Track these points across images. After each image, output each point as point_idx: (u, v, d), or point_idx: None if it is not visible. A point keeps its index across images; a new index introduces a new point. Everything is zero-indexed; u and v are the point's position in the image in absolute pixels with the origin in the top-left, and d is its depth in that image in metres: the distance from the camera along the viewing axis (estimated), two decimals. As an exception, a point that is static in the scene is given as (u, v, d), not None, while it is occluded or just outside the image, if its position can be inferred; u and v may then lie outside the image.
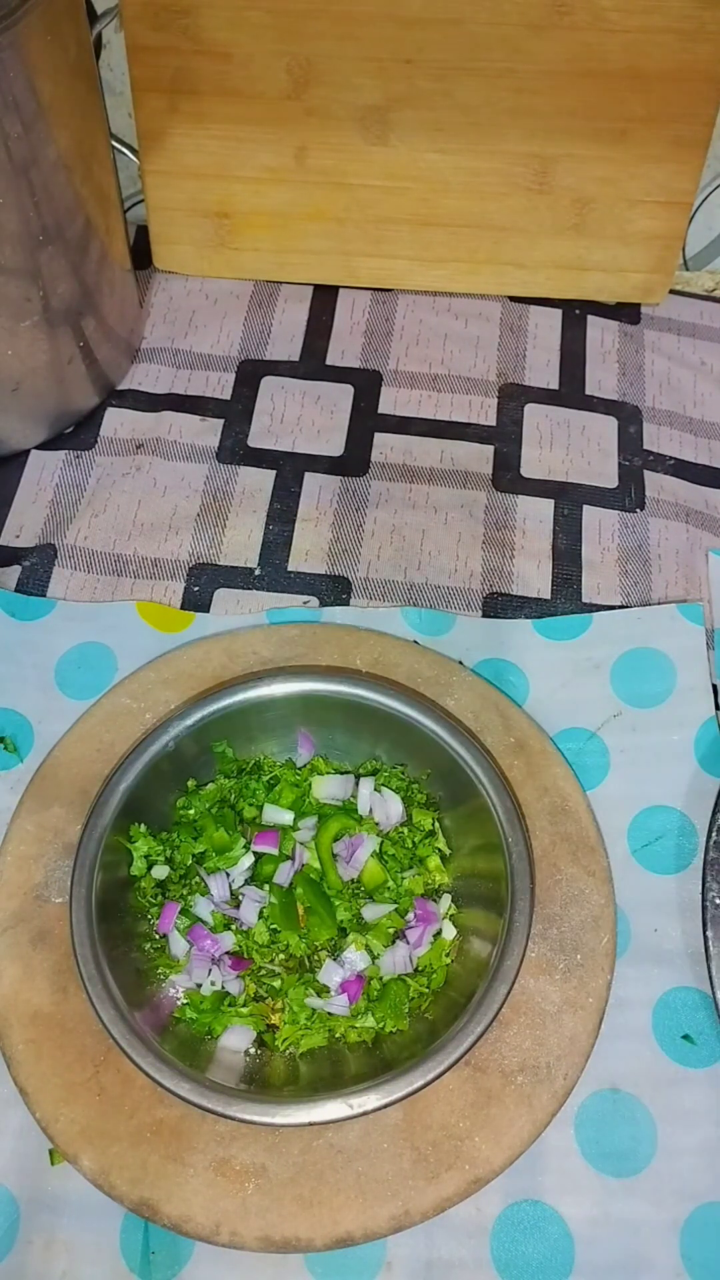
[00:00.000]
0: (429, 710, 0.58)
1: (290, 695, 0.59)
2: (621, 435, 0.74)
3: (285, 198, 0.74)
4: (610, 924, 0.55)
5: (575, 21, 0.64)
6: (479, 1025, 0.50)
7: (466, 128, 0.69)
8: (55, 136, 0.58)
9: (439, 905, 0.56)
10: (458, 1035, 0.50)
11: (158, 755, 0.56)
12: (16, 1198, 0.50)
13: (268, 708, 0.59)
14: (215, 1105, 0.48)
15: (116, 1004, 0.50)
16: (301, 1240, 0.48)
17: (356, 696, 0.58)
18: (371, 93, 0.68)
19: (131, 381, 0.75)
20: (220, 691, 0.59)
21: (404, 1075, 0.49)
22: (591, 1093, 0.53)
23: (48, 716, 0.62)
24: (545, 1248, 0.50)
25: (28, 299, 0.62)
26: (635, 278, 0.77)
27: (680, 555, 0.68)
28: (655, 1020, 0.54)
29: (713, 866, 0.56)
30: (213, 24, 0.66)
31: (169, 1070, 0.49)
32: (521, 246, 0.76)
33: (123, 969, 0.52)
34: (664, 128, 0.69)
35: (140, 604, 0.65)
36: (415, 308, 0.79)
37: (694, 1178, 0.51)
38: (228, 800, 0.58)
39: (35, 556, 0.67)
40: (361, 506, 0.70)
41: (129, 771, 0.56)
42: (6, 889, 0.55)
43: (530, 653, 0.64)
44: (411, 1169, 0.49)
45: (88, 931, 0.52)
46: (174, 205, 0.76)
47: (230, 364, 0.76)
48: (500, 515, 0.70)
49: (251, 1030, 0.54)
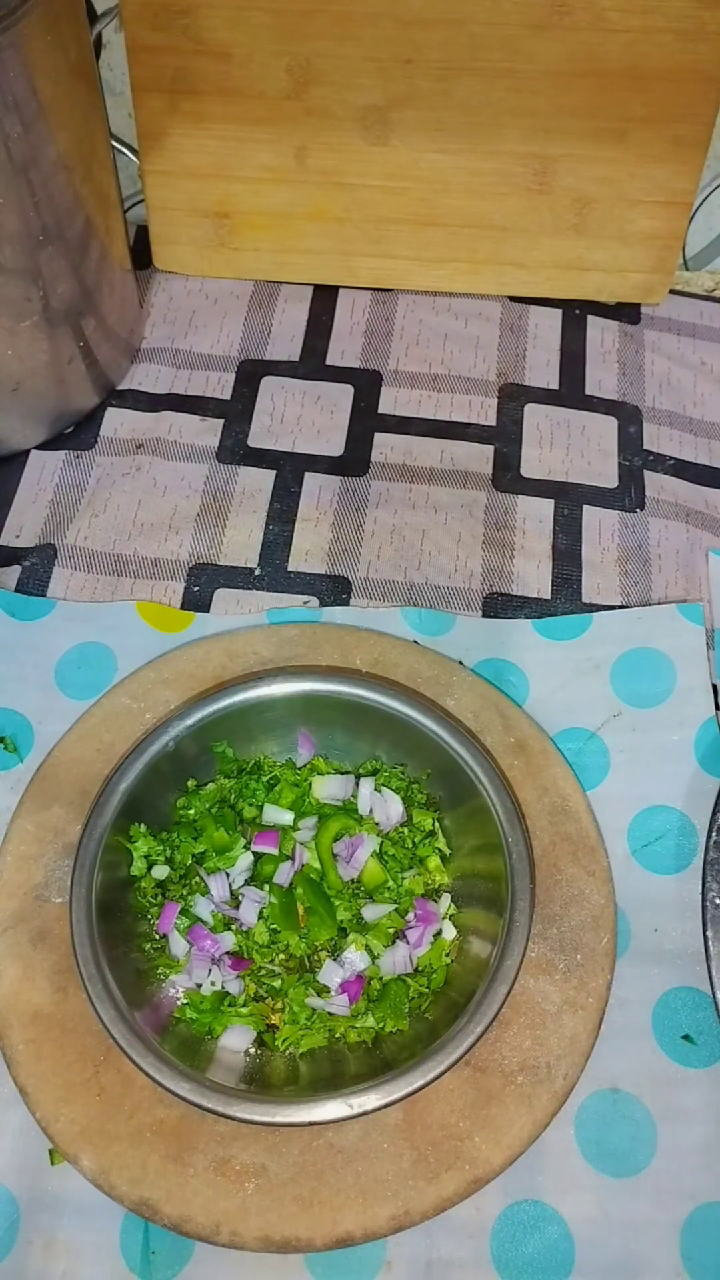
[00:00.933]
0: (429, 710, 0.58)
1: (290, 695, 0.59)
2: (621, 435, 0.74)
3: (285, 198, 0.74)
4: (610, 924, 0.55)
5: (575, 21, 0.64)
6: (479, 1025, 0.50)
7: (466, 128, 0.69)
8: (55, 136, 0.58)
9: (439, 905, 0.56)
10: (458, 1035, 0.50)
11: (158, 755, 0.56)
12: (16, 1198, 0.50)
13: (268, 708, 0.59)
14: (215, 1105, 0.48)
15: (116, 1004, 0.50)
16: (301, 1240, 0.48)
17: (356, 696, 0.58)
18: (371, 93, 0.68)
19: (131, 381, 0.75)
20: (220, 691, 0.59)
21: (404, 1075, 0.49)
22: (591, 1093, 0.53)
23: (48, 716, 0.62)
24: (545, 1248, 0.50)
25: (28, 299, 0.62)
26: (635, 278, 0.77)
27: (680, 555, 0.68)
28: (655, 1020, 0.54)
29: (713, 866, 0.56)
30: (213, 24, 0.66)
31: (169, 1070, 0.49)
32: (521, 246, 0.76)
33: (123, 969, 0.52)
34: (664, 128, 0.69)
35: (140, 604, 0.65)
36: (415, 308, 0.79)
37: (694, 1178, 0.51)
38: (228, 800, 0.58)
39: (35, 556, 0.67)
40: (361, 506, 0.70)
41: (129, 771, 0.56)
42: (6, 889, 0.55)
43: (530, 653, 0.64)
44: (411, 1169, 0.49)
45: (88, 931, 0.52)
46: (174, 205, 0.76)
47: (230, 364, 0.76)
48: (500, 515, 0.70)
49: (251, 1030, 0.54)
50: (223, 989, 0.54)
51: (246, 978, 0.55)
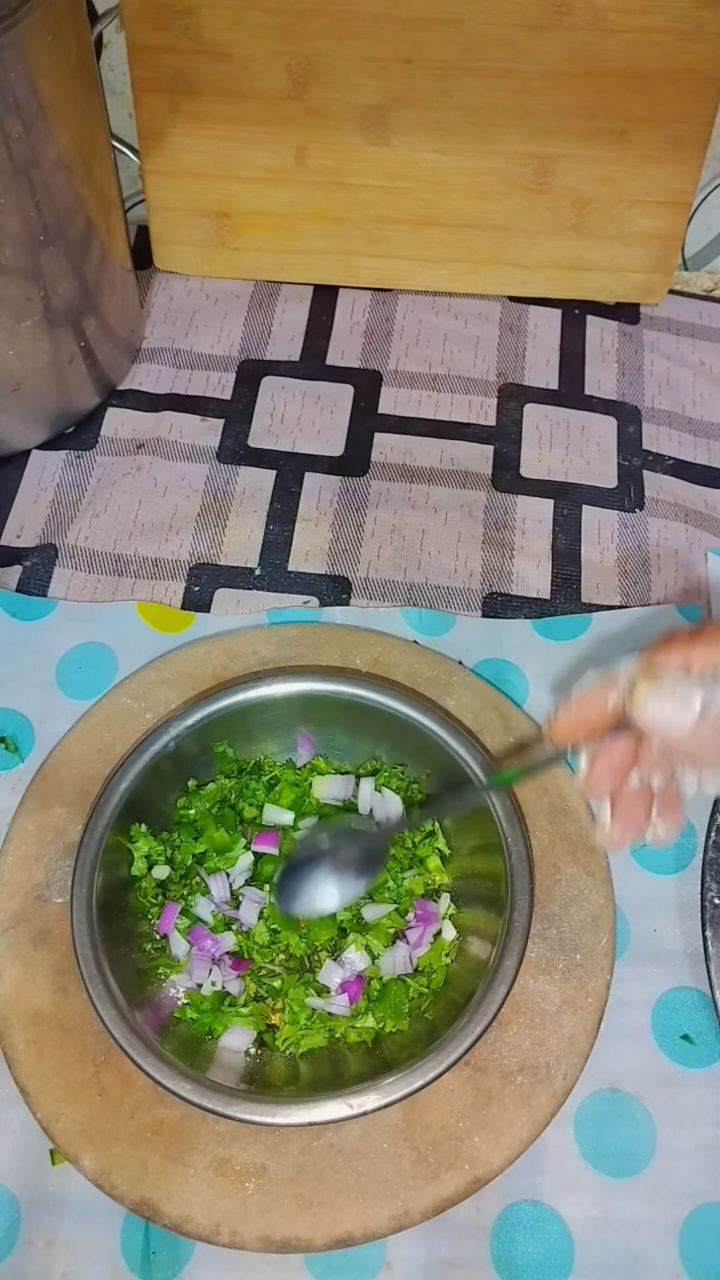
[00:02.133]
0: (429, 710, 0.58)
1: (290, 695, 0.59)
2: (621, 435, 0.74)
3: (285, 198, 0.74)
4: (610, 924, 0.55)
5: (575, 21, 0.64)
6: (479, 1025, 0.50)
7: (466, 128, 0.69)
8: (56, 136, 0.58)
9: (439, 905, 0.56)
10: (457, 1035, 0.50)
11: (158, 755, 0.57)
12: (17, 1198, 0.50)
13: (268, 708, 0.59)
14: (216, 1105, 0.48)
15: (117, 1004, 0.50)
16: (301, 1240, 0.48)
17: (356, 696, 0.58)
18: (371, 93, 0.68)
19: (132, 381, 0.75)
20: (221, 691, 0.59)
21: (404, 1075, 0.49)
22: (591, 1093, 0.53)
23: (48, 716, 0.62)
24: (545, 1248, 0.50)
25: (28, 299, 0.62)
26: (635, 278, 0.77)
27: (680, 555, 0.68)
28: (655, 1020, 0.54)
29: (712, 866, 0.56)
30: (213, 24, 0.66)
31: (170, 1070, 0.49)
32: (521, 246, 0.76)
33: (123, 969, 0.52)
34: (664, 128, 0.69)
35: (141, 604, 0.65)
36: (415, 308, 0.79)
37: (694, 1178, 0.51)
38: (228, 800, 0.59)
39: (36, 556, 0.67)
40: (361, 506, 0.70)
41: (129, 771, 0.56)
42: (7, 889, 0.55)
43: (530, 653, 0.64)
44: (411, 1169, 0.49)
45: (89, 931, 0.52)
46: (174, 205, 0.76)
47: (230, 364, 0.76)
48: (500, 515, 0.70)
49: (252, 1030, 0.54)
50: (223, 989, 0.54)
51: (247, 978, 0.55)
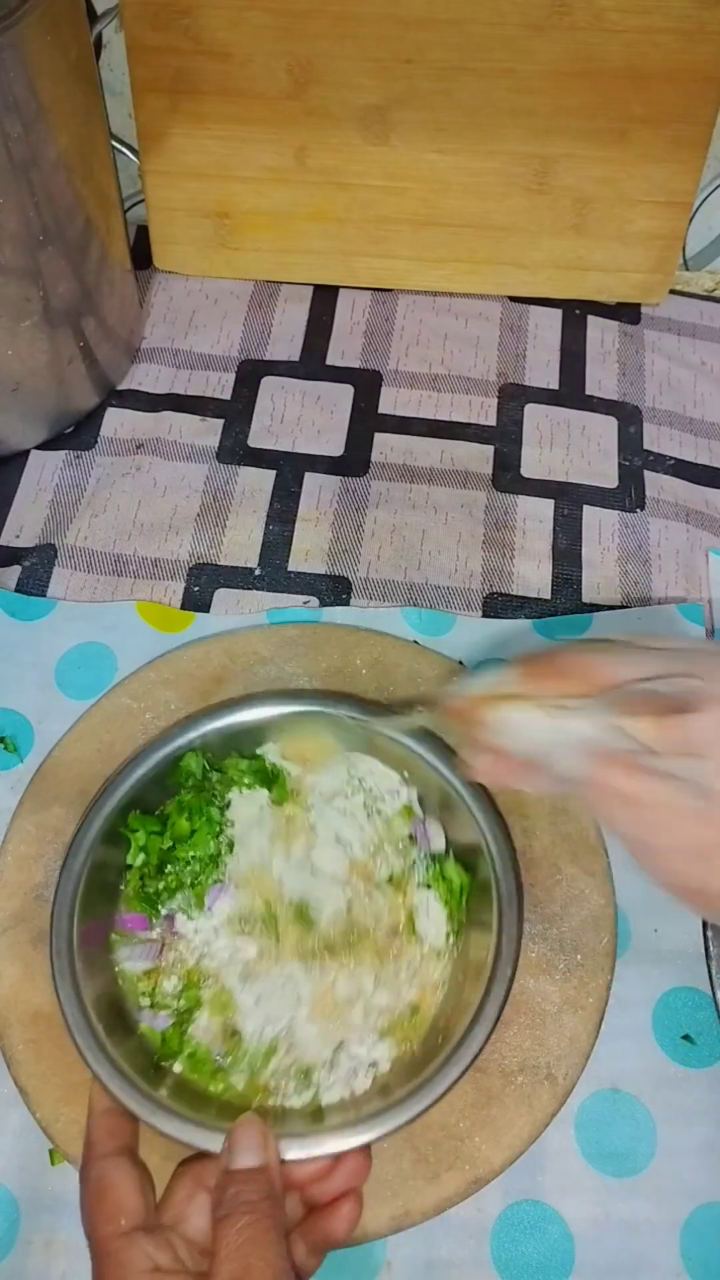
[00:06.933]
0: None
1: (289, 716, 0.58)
2: (621, 435, 0.74)
3: (285, 198, 0.74)
4: (610, 924, 0.55)
5: (575, 21, 0.64)
6: (480, 1034, 0.49)
7: (466, 128, 0.69)
8: (55, 137, 0.58)
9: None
10: (462, 1045, 0.49)
11: (158, 765, 0.56)
12: (16, 1198, 0.50)
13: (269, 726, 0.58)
14: (209, 1145, 0.46)
15: (85, 1011, 0.49)
16: (302, 1240, 0.48)
17: (351, 718, 0.57)
18: (371, 93, 0.68)
19: (131, 381, 0.75)
20: (221, 710, 0.58)
21: (406, 1101, 0.47)
22: (591, 1093, 0.53)
23: (48, 716, 0.62)
24: (545, 1248, 0.50)
25: (28, 299, 0.62)
26: (635, 278, 0.77)
27: (680, 555, 0.68)
28: (655, 1020, 0.54)
29: (713, 866, 0.56)
30: (213, 24, 0.66)
31: (167, 1117, 0.47)
32: (521, 246, 0.76)
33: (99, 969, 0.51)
34: (664, 128, 0.69)
35: (140, 604, 0.65)
36: (415, 308, 0.79)
37: (694, 1178, 0.51)
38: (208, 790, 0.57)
39: (35, 556, 0.67)
40: (361, 506, 0.70)
41: (130, 774, 0.55)
42: (7, 889, 0.55)
43: (530, 653, 0.64)
44: (411, 1169, 0.49)
45: (67, 931, 0.51)
46: (174, 205, 0.76)
47: (230, 364, 0.76)
48: (500, 515, 0.70)
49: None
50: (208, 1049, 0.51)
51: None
